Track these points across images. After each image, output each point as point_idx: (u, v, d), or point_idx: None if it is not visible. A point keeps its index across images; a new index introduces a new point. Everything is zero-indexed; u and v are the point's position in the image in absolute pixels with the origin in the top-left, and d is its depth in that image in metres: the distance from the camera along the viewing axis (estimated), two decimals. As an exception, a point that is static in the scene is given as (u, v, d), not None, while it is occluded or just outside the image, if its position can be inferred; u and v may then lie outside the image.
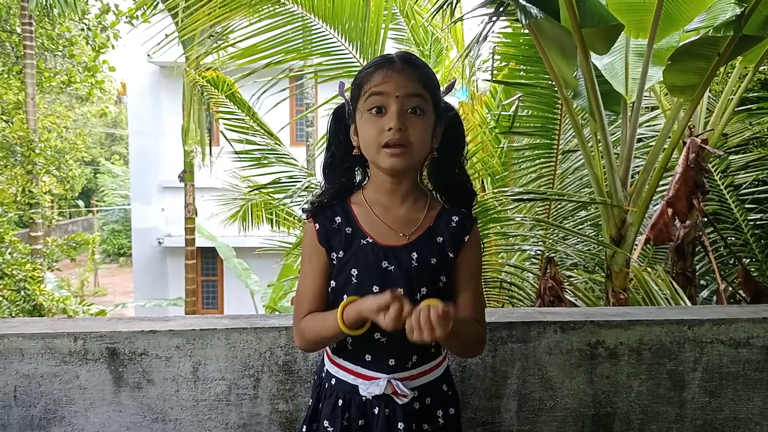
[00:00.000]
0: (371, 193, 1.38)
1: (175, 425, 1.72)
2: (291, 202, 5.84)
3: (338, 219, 1.35)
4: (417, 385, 1.35)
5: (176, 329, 1.71)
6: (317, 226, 1.35)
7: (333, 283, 1.33)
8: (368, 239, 1.32)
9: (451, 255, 1.34)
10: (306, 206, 1.40)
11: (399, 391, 1.30)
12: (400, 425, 1.31)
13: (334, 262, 1.33)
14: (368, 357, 1.34)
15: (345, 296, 1.30)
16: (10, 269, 8.64)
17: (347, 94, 1.38)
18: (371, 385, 1.31)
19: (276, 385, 1.74)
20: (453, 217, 1.37)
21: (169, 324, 1.75)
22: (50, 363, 1.68)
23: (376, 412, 1.33)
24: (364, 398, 1.33)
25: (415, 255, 1.31)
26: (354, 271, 1.31)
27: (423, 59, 1.37)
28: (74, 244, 11.54)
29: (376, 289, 1.28)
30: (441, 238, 1.34)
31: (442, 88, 1.37)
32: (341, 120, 1.39)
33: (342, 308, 1.24)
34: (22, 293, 8.75)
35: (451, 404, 1.42)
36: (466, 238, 1.36)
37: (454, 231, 1.35)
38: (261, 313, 6.02)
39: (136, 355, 1.70)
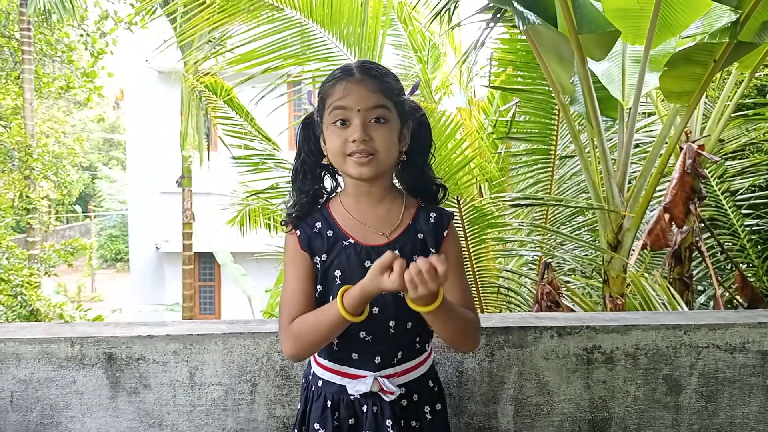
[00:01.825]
0: (348, 197, 1.39)
1: (171, 430, 1.72)
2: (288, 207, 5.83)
3: (318, 224, 1.36)
4: (403, 382, 1.37)
5: (173, 334, 1.71)
6: (298, 232, 1.36)
7: (319, 287, 1.34)
8: (350, 240, 1.34)
9: (432, 251, 1.36)
10: (285, 218, 1.40)
11: (385, 389, 1.32)
12: (388, 422, 1.33)
13: (318, 266, 1.34)
14: (354, 356, 1.35)
15: (331, 297, 1.30)
16: (7, 274, 8.62)
17: (315, 102, 1.39)
18: (358, 384, 1.34)
19: (273, 390, 1.74)
20: (431, 214, 1.39)
21: (166, 329, 1.75)
22: (47, 368, 1.68)
23: (365, 410, 1.35)
24: (352, 397, 1.35)
25: (397, 253, 1.29)
26: (338, 273, 1.33)
27: (384, 67, 1.37)
28: (71, 250, 11.51)
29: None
30: (422, 235, 1.37)
31: (406, 90, 1.38)
32: (310, 128, 1.40)
33: (341, 295, 1.24)
34: (19, 298, 8.73)
35: (438, 400, 1.44)
36: (445, 233, 1.38)
37: (433, 227, 1.38)
38: (258, 318, 6.01)
39: (133, 360, 1.70)
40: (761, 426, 1.88)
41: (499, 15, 3.41)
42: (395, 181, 1.44)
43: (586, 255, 4.14)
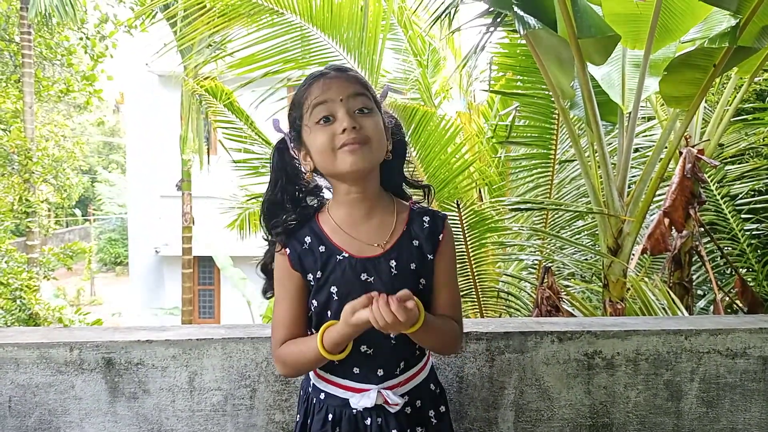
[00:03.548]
0: (337, 209, 1.33)
1: (170, 436, 1.72)
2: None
3: (308, 239, 1.31)
4: (406, 390, 1.35)
5: (173, 339, 1.71)
6: (287, 250, 1.31)
7: (315, 303, 1.31)
8: (344, 254, 1.29)
9: (430, 257, 1.32)
10: (270, 237, 1.34)
11: (390, 401, 1.30)
12: None
13: (312, 284, 1.30)
14: (356, 370, 1.32)
15: (329, 312, 1.29)
16: (6, 278, 8.61)
17: (284, 128, 1.35)
18: (362, 398, 1.30)
19: (272, 396, 1.73)
20: (425, 218, 1.35)
21: (165, 334, 1.75)
22: (45, 373, 1.68)
23: (368, 423, 1.32)
24: (354, 411, 1.32)
25: (393, 263, 1.29)
26: (334, 289, 1.29)
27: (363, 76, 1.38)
28: (71, 253, 11.50)
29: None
30: (417, 242, 1.32)
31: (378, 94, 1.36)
32: (285, 152, 1.34)
33: (321, 334, 1.23)
34: (18, 302, 8.72)
35: (441, 402, 1.43)
36: (440, 237, 1.34)
37: (428, 232, 1.33)
38: (258, 323, 6.00)
39: (132, 364, 1.70)
40: (762, 432, 1.87)
41: (499, 19, 3.42)
42: None
43: (586, 259, 4.14)
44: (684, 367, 1.83)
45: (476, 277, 3.80)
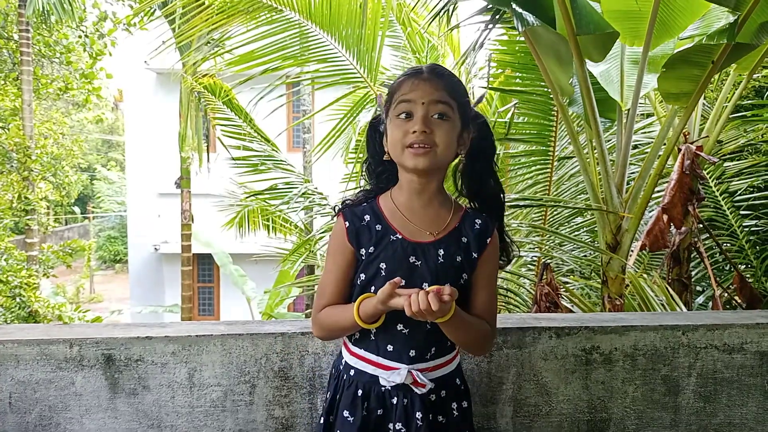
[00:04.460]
0: (399, 195, 1.44)
1: (170, 431, 1.72)
2: (287, 208, 5.84)
3: (367, 217, 1.41)
4: (434, 377, 1.40)
5: (172, 335, 1.71)
6: (347, 223, 1.41)
7: (362, 276, 1.39)
8: (398, 235, 1.39)
9: (475, 255, 1.41)
10: (338, 205, 1.48)
11: (419, 381, 1.36)
12: (418, 414, 1.37)
13: (363, 258, 1.39)
14: (390, 347, 1.39)
15: (372, 288, 1.36)
16: (5, 276, 8.62)
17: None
18: (392, 374, 1.36)
19: (272, 392, 1.74)
20: (476, 220, 1.44)
21: (165, 330, 1.75)
22: (46, 369, 1.68)
23: (395, 402, 1.38)
24: (383, 388, 1.39)
25: (441, 252, 1.38)
26: (383, 265, 1.37)
27: (452, 72, 1.44)
28: (70, 251, 11.50)
29: (402, 282, 1.33)
30: (466, 239, 1.41)
31: (471, 100, 1.43)
32: (375, 129, 1.49)
33: (358, 304, 1.33)
34: (18, 300, 8.73)
35: (464, 398, 1.47)
36: (488, 240, 1.43)
37: (477, 233, 1.42)
38: (257, 320, 6.01)
39: (131, 361, 1.70)
40: (759, 426, 1.88)
41: (497, 16, 3.42)
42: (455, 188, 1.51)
43: (585, 256, 4.14)
44: (681, 362, 1.84)
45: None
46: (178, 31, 4.65)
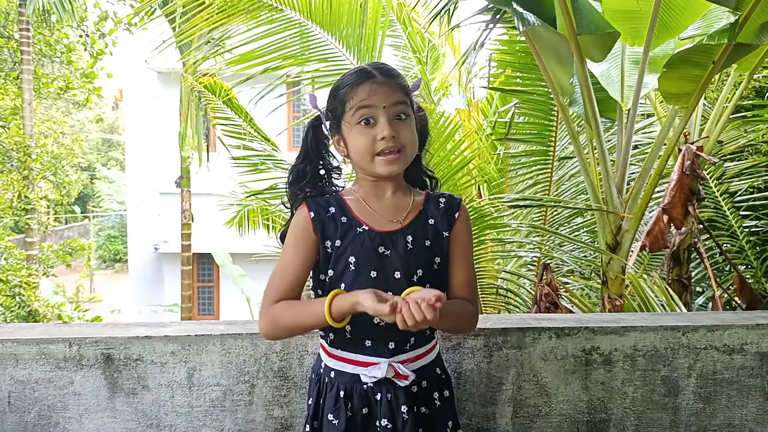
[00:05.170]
0: (362, 187, 1.43)
1: (169, 431, 1.72)
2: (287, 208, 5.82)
3: (332, 209, 1.39)
4: (415, 368, 1.39)
5: (171, 335, 1.71)
6: (312, 213, 1.38)
7: (330, 273, 1.37)
8: (364, 227, 1.37)
9: (445, 234, 1.41)
10: (295, 197, 1.44)
11: (401, 373, 1.34)
12: (404, 408, 1.35)
13: (329, 251, 1.37)
14: (368, 343, 1.37)
15: (343, 284, 1.34)
16: (5, 275, 8.61)
17: (320, 105, 1.45)
18: (373, 369, 1.35)
19: (271, 391, 1.74)
20: (440, 199, 1.44)
21: (164, 330, 1.75)
22: (45, 368, 1.68)
23: (379, 398, 1.36)
24: (365, 386, 1.37)
25: (410, 238, 1.37)
26: (352, 259, 1.35)
27: (395, 68, 1.44)
28: (70, 250, 11.49)
29: (373, 274, 1.34)
30: (432, 220, 1.41)
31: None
32: (318, 131, 1.45)
33: (330, 300, 1.27)
34: (17, 299, 8.72)
35: (446, 387, 1.46)
36: (456, 215, 1.43)
37: (444, 210, 1.42)
38: (257, 319, 5.99)
39: (131, 360, 1.70)
40: (759, 428, 1.88)
41: (498, 16, 3.42)
42: None
43: (585, 256, 4.14)
44: (681, 363, 1.84)
45: (475, 274, 3.80)
46: (179, 31, 4.65)
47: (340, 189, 1.47)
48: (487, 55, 4.23)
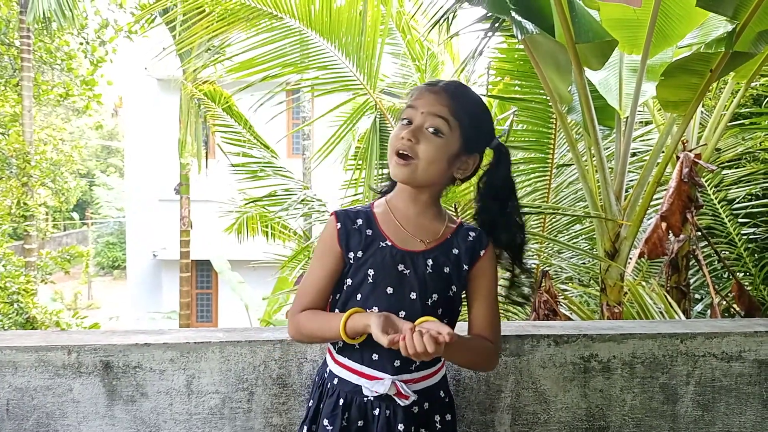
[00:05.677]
0: (394, 201, 1.43)
1: (168, 439, 1.72)
2: (286, 215, 5.84)
3: (359, 221, 1.39)
4: (417, 389, 1.38)
5: (170, 342, 1.71)
6: (339, 225, 1.39)
7: (348, 282, 1.37)
8: (387, 242, 1.37)
9: (466, 267, 1.40)
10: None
11: (402, 392, 1.34)
12: (400, 427, 1.34)
13: (351, 262, 1.37)
14: (375, 356, 1.36)
15: (359, 295, 1.35)
16: (3, 282, 8.60)
17: None
18: (376, 384, 1.34)
19: (270, 399, 1.74)
20: (470, 233, 1.42)
21: (163, 337, 1.75)
22: (43, 376, 1.68)
23: (377, 413, 1.36)
24: (365, 399, 1.36)
25: (430, 262, 1.37)
26: (371, 272, 1.36)
27: (475, 96, 1.41)
28: (68, 257, 11.49)
29: (389, 290, 1.34)
30: (456, 251, 1.40)
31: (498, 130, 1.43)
32: None
33: (345, 319, 1.30)
34: (15, 306, 8.70)
35: (448, 410, 1.45)
36: (482, 253, 1.41)
37: (470, 245, 1.41)
38: (255, 327, 6.00)
39: (129, 368, 1.70)
40: (758, 435, 1.88)
41: (497, 24, 3.43)
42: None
43: (584, 263, 4.14)
44: (680, 370, 1.84)
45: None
46: (179, 38, 4.67)
47: (381, 196, 1.48)
48: (486, 63, 4.25)
